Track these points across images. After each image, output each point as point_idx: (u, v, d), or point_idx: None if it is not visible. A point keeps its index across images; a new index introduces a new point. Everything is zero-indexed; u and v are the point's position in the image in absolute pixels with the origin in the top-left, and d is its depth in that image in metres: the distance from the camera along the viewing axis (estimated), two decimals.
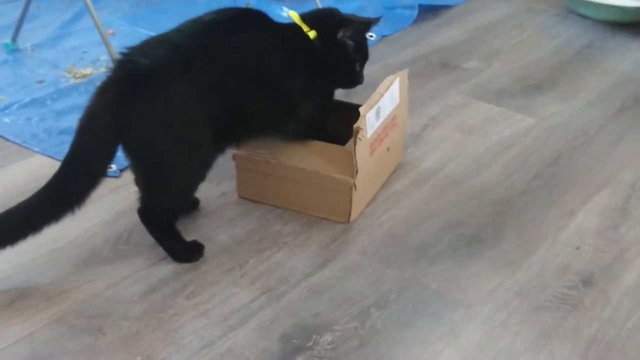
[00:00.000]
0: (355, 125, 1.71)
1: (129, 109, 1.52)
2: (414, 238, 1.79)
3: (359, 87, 1.89)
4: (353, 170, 1.75)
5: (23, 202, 1.53)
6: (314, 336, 1.50)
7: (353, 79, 1.86)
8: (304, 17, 1.81)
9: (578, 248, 1.77)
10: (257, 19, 1.73)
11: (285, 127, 1.78)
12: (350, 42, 1.80)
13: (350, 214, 1.82)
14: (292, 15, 1.82)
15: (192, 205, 1.85)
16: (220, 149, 1.69)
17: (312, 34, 1.77)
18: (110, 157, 1.57)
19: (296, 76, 1.73)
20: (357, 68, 1.85)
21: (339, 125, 1.83)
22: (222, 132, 1.63)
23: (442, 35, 2.98)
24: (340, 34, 1.79)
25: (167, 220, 1.69)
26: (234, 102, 1.62)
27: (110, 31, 2.78)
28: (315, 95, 1.80)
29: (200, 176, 1.67)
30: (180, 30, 1.63)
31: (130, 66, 1.55)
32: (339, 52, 1.80)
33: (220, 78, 1.59)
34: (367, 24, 1.84)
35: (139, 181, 1.68)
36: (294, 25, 1.79)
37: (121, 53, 1.59)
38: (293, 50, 1.73)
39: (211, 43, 1.60)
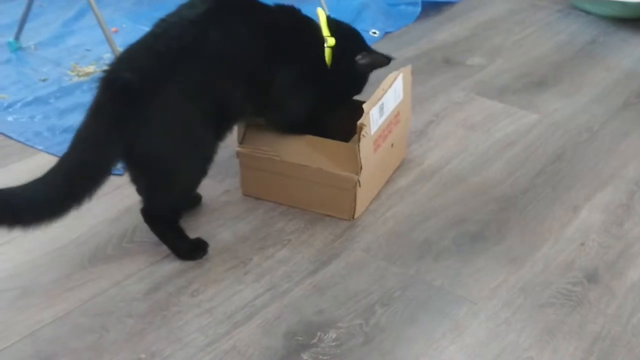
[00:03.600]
0: (359, 122, 1.70)
1: (129, 125, 1.51)
2: (417, 235, 1.79)
3: None
4: (357, 167, 1.75)
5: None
6: (319, 333, 1.50)
7: (339, 99, 1.89)
8: (329, 21, 1.81)
9: (582, 244, 1.77)
10: (237, 10, 1.68)
11: (269, 116, 1.79)
12: (361, 70, 1.85)
13: (354, 211, 1.82)
14: (320, 13, 1.81)
15: (195, 202, 1.86)
16: (219, 138, 1.68)
17: (330, 41, 1.78)
18: (106, 175, 1.55)
19: (278, 69, 1.71)
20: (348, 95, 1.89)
21: (343, 122, 1.83)
22: (218, 122, 1.64)
23: (445, 31, 2.98)
24: (358, 57, 1.82)
25: (170, 219, 1.69)
26: (220, 95, 1.62)
27: (113, 29, 2.78)
28: (304, 91, 1.79)
29: (203, 172, 1.68)
30: (156, 34, 1.61)
31: (120, 83, 1.53)
32: (347, 72, 1.83)
33: (203, 75, 1.58)
34: (386, 59, 1.85)
35: (141, 189, 1.68)
36: (299, 19, 1.79)
37: (105, 70, 1.58)
38: (281, 42, 1.72)
39: (189, 44, 1.57)
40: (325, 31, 1.78)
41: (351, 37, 1.87)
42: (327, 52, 1.78)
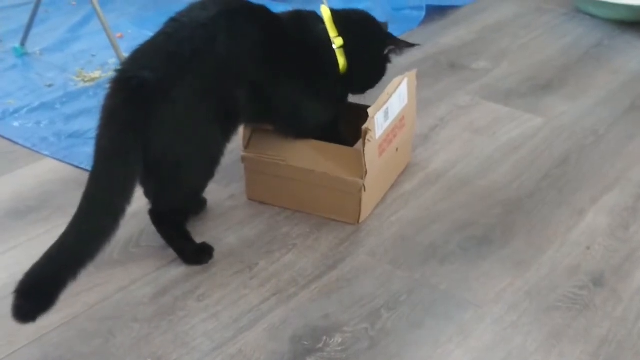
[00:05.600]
0: (364, 127, 1.71)
1: (144, 127, 1.51)
2: (423, 239, 1.79)
3: None
4: (362, 172, 1.75)
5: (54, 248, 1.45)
6: (324, 337, 1.50)
7: (358, 90, 1.89)
8: (336, 17, 1.78)
9: (588, 248, 1.76)
10: (246, 15, 1.68)
11: (278, 124, 1.79)
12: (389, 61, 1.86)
13: (359, 215, 1.82)
14: (324, 12, 1.78)
15: (200, 207, 1.86)
16: (228, 139, 1.68)
17: (338, 42, 1.76)
18: (136, 182, 1.54)
19: (285, 79, 1.72)
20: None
21: (347, 126, 1.84)
22: (225, 123, 1.65)
23: (450, 35, 2.98)
24: (387, 51, 1.83)
25: (178, 220, 1.70)
26: (226, 97, 1.62)
27: (118, 34, 2.78)
28: (317, 102, 1.80)
29: (211, 173, 1.68)
30: (167, 34, 1.61)
31: (134, 82, 1.53)
32: (369, 65, 1.84)
33: (212, 76, 1.59)
34: (410, 46, 1.86)
35: (149, 191, 1.67)
36: (307, 26, 1.78)
37: (117, 70, 1.58)
38: (287, 52, 1.72)
39: (199, 46, 1.58)
40: (332, 32, 1.76)
41: (363, 27, 1.85)
42: (338, 53, 1.77)
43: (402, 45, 1.85)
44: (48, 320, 1.51)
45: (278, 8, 1.82)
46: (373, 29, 1.87)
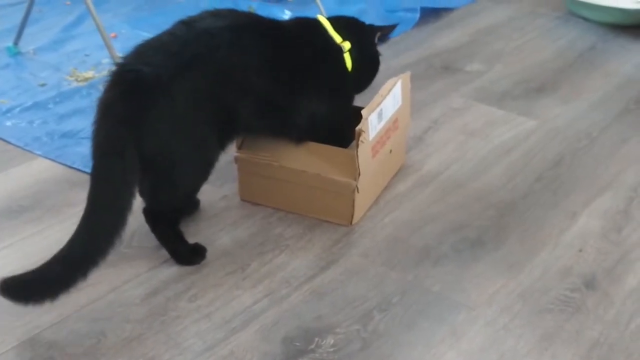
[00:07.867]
0: (357, 128, 1.71)
1: (141, 121, 1.51)
2: (416, 241, 1.79)
3: None
4: (355, 173, 1.75)
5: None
6: (316, 339, 1.50)
7: (361, 87, 1.95)
8: (333, 23, 1.85)
9: (581, 250, 1.77)
10: (257, 29, 1.72)
11: (282, 132, 1.80)
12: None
13: (352, 217, 1.82)
14: (322, 20, 1.84)
15: (194, 207, 1.86)
16: (222, 147, 1.69)
17: (346, 45, 1.82)
18: (137, 176, 1.54)
19: (294, 86, 1.74)
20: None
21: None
22: (222, 131, 1.65)
23: (444, 38, 2.98)
24: (377, 37, 1.93)
25: (172, 220, 1.70)
26: (226, 106, 1.63)
27: (112, 34, 2.78)
28: (342, 106, 1.85)
29: (206, 175, 1.69)
30: (173, 34, 1.63)
31: (132, 75, 1.54)
32: (368, 61, 1.93)
33: (212, 83, 1.60)
34: (392, 27, 1.98)
35: (143, 189, 1.67)
36: (309, 32, 1.83)
37: (117, 63, 1.59)
38: (295, 59, 1.75)
39: (202, 52, 1.59)
40: (337, 38, 1.82)
41: (356, 28, 1.93)
42: (347, 57, 1.82)
43: (386, 30, 1.96)
44: (39, 321, 1.51)
45: (272, 10, 1.82)
46: (363, 27, 1.95)
